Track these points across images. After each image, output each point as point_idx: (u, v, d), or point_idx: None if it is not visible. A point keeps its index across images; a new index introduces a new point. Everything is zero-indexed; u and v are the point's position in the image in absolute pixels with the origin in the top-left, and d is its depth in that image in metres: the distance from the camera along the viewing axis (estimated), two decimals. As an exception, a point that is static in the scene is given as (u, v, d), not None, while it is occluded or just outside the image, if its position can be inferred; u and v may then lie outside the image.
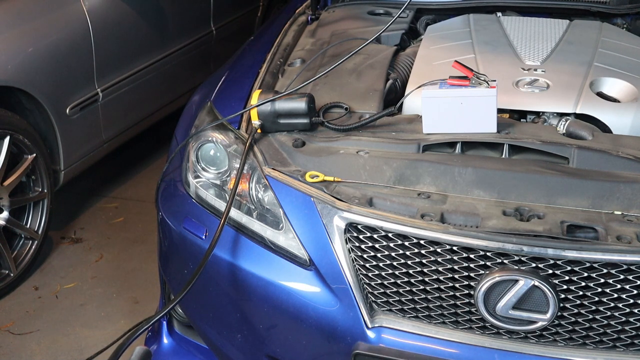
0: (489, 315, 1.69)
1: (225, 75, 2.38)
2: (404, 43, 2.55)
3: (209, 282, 1.96)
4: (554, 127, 1.93)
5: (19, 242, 3.19)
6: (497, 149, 1.88)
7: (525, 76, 2.13)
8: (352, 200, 1.77)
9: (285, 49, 2.44)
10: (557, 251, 1.61)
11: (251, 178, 1.94)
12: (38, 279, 3.23)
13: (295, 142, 1.95)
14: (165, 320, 2.32)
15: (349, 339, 1.79)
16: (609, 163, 1.78)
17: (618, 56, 2.23)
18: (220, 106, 2.17)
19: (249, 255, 1.91)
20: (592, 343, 1.69)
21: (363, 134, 1.95)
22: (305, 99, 1.96)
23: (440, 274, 1.71)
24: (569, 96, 2.02)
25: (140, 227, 3.59)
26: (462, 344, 1.74)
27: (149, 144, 4.30)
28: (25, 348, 2.84)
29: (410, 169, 1.82)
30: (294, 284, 1.84)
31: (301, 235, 1.83)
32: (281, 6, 3.63)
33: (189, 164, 2.09)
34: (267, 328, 1.93)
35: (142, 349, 1.76)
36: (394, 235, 1.73)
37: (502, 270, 1.65)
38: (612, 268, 1.62)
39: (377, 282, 1.77)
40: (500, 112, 1.97)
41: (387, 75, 2.20)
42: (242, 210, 1.95)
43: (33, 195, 3.20)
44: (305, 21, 2.70)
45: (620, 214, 1.70)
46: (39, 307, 3.06)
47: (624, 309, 1.64)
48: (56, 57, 3.18)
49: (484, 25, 2.48)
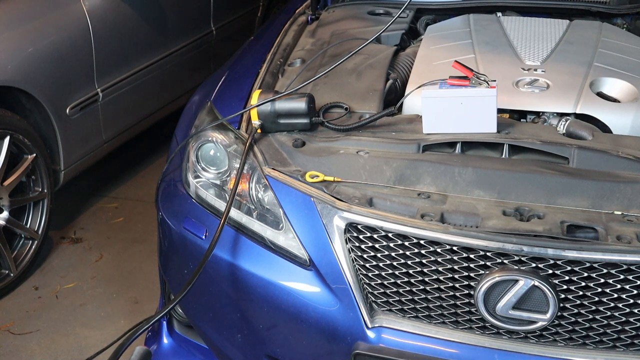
0: (489, 315, 1.69)
1: (225, 75, 2.38)
2: (404, 43, 2.55)
3: (209, 282, 1.96)
4: (554, 127, 1.93)
5: (19, 242, 3.19)
6: (497, 149, 1.88)
7: (525, 76, 2.13)
8: (352, 200, 1.77)
9: (285, 49, 2.44)
10: (557, 251, 1.61)
11: (251, 178, 1.94)
12: (38, 279, 3.23)
13: (295, 142, 1.95)
14: (165, 320, 2.32)
15: (349, 339, 1.79)
16: (609, 163, 1.78)
17: (618, 56, 2.23)
18: (220, 106, 2.17)
19: (249, 255, 1.91)
20: (592, 343, 1.69)
21: (363, 134, 1.95)
22: (305, 99, 1.97)
23: (440, 274, 1.71)
24: (569, 96, 2.02)
25: (140, 227, 3.59)
26: (462, 344, 1.74)
27: (149, 144, 4.30)
28: (25, 348, 2.84)
29: (410, 169, 1.82)
30: (294, 284, 1.84)
31: (301, 235, 1.83)
32: (281, 6, 3.63)
33: (189, 164, 2.09)
34: (267, 328, 1.93)
35: (142, 349, 1.76)
36: (394, 235, 1.73)
37: (502, 270, 1.65)
38: (612, 268, 1.62)
39: (377, 282, 1.77)
40: (500, 112, 1.97)
41: (387, 75, 2.20)
42: (242, 210, 1.95)
43: (33, 195, 3.20)
44: (305, 21, 2.70)
45: (620, 214, 1.70)
46: (39, 307, 3.06)
47: (624, 309, 1.64)
48: (56, 57, 3.18)
49: (484, 25, 2.48)
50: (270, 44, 2.46)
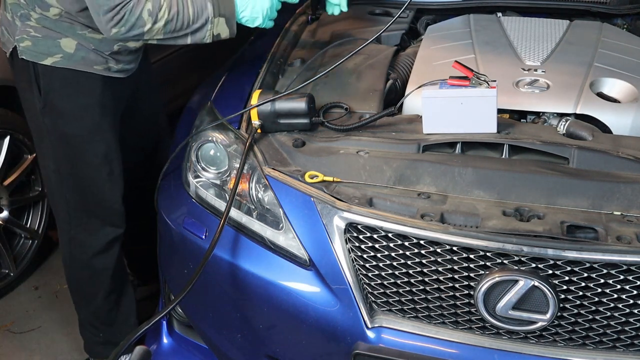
0: (489, 315, 1.69)
1: (225, 75, 2.38)
2: (404, 43, 2.56)
3: (209, 282, 1.97)
4: (554, 127, 1.93)
5: (19, 241, 3.19)
6: (497, 149, 1.88)
7: (526, 76, 2.13)
8: (352, 200, 1.77)
9: (285, 49, 2.44)
10: (557, 251, 1.61)
11: (251, 178, 1.94)
12: (38, 278, 3.23)
13: (295, 142, 1.95)
14: (165, 320, 2.32)
15: (348, 339, 1.79)
16: (609, 163, 1.78)
17: (618, 56, 2.23)
18: (220, 106, 2.17)
19: (249, 255, 1.91)
20: (592, 343, 1.69)
21: (363, 134, 1.95)
22: (305, 99, 1.97)
23: (440, 274, 1.71)
24: (569, 96, 2.02)
25: (140, 227, 3.59)
26: (462, 344, 1.74)
27: (149, 144, 4.29)
28: (25, 347, 2.84)
29: (410, 169, 1.82)
30: (294, 284, 1.84)
31: (301, 235, 1.83)
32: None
33: (189, 164, 2.09)
34: (267, 328, 1.93)
35: (142, 349, 1.76)
36: (394, 236, 1.73)
37: (502, 271, 1.65)
38: (612, 268, 1.62)
39: (377, 282, 1.77)
40: (500, 113, 1.97)
41: (387, 76, 2.20)
42: (242, 210, 1.95)
43: (33, 195, 3.20)
44: (305, 21, 2.70)
45: (620, 214, 1.70)
46: (38, 307, 3.06)
47: (624, 309, 1.64)
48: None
49: (484, 25, 2.48)
50: (270, 44, 2.46)
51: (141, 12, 1.88)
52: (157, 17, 1.90)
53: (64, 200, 2.29)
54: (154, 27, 1.92)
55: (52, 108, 2.13)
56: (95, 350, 2.58)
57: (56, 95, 2.11)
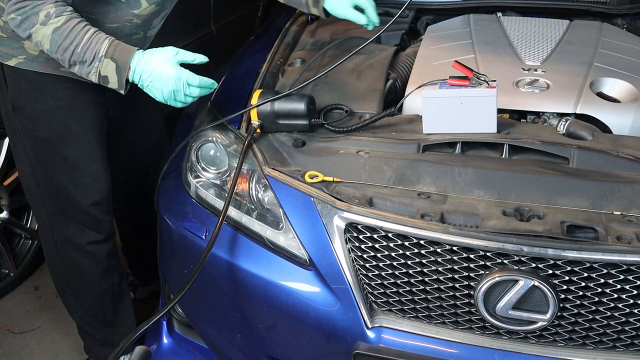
0: (489, 315, 1.69)
1: (225, 75, 2.38)
2: (404, 43, 2.56)
3: (209, 282, 1.97)
4: (554, 127, 1.93)
5: (19, 242, 3.19)
6: (497, 149, 1.89)
7: (526, 76, 2.13)
8: (352, 200, 1.77)
9: (285, 49, 2.44)
10: (557, 251, 1.61)
11: (251, 178, 1.94)
12: (38, 278, 3.22)
13: (296, 142, 1.95)
14: (165, 320, 2.32)
15: (348, 339, 1.79)
16: (609, 163, 1.78)
17: (618, 56, 2.23)
18: (220, 106, 2.18)
19: (249, 255, 1.91)
20: (592, 343, 1.69)
21: (363, 134, 1.95)
22: (305, 100, 1.97)
23: (440, 274, 1.71)
24: (569, 96, 2.02)
25: (140, 227, 3.59)
26: (462, 344, 1.74)
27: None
28: (25, 347, 2.84)
29: (410, 169, 1.82)
30: (293, 284, 1.84)
31: (301, 235, 1.83)
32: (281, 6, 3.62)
33: (189, 164, 2.09)
34: (267, 328, 1.93)
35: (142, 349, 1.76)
36: (394, 236, 1.73)
37: (502, 271, 1.65)
38: (612, 268, 1.62)
39: (377, 282, 1.77)
40: (500, 112, 1.97)
41: (387, 76, 2.20)
42: (242, 210, 1.95)
43: (33, 195, 3.20)
44: (305, 21, 2.70)
45: (620, 214, 1.70)
46: (39, 307, 3.06)
47: (624, 309, 1.64)
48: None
49: (484, 25, 2.48)
50: (270, 44, 2.46)
51: (40, 10, 1.81)
52: (49, 22, 1.81)
53: (42, 204, 2.25)
54: (43, 31, 1.81)
55: (20, 110, 2.09)
56: (95, 351, 2.57)
57: (23, 97, 2.07)
